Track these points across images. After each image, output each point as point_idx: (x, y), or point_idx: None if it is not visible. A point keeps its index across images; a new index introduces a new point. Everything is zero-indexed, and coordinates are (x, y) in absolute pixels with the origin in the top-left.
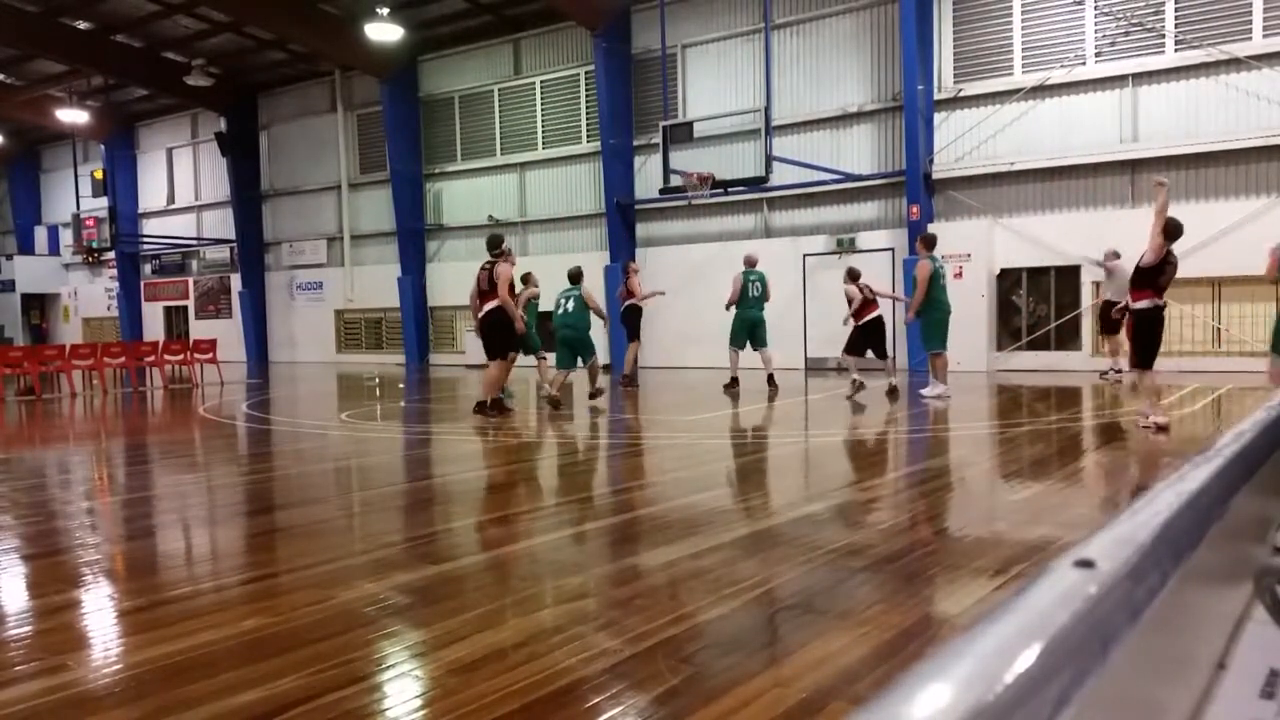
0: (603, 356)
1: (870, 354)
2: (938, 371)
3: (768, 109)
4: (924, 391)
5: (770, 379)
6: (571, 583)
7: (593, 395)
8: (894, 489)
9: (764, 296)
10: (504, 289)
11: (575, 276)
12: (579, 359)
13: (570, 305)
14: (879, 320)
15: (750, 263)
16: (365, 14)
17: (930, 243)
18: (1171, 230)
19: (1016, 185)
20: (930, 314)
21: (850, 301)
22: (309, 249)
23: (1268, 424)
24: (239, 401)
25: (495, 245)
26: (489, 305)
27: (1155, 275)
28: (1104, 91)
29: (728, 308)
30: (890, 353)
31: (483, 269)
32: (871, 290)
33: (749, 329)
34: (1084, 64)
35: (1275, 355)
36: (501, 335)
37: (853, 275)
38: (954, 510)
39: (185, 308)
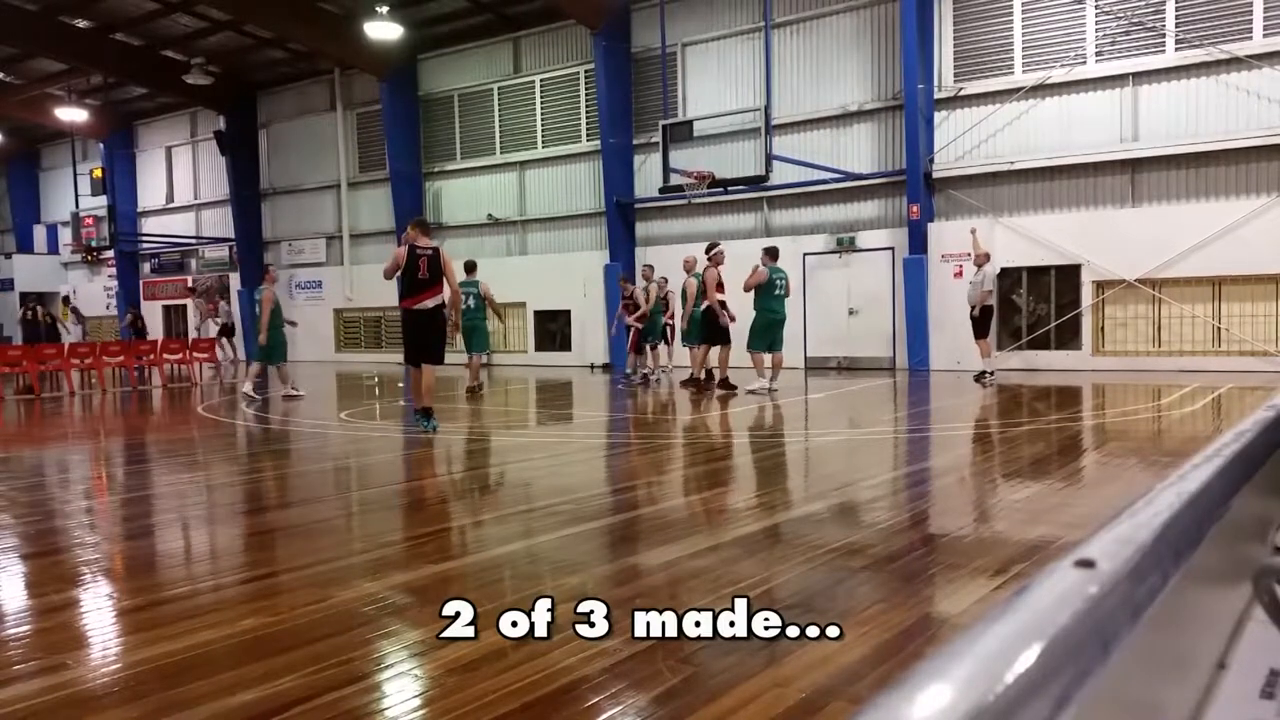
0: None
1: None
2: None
3: (768, 108)
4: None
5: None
6: (571, 582)
7: (470, 391)
8: (893, 488)
9: (787, 294)
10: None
11: (471, 268)
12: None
13: (471, 302)
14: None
15: (775, 256)
16: (365, 12)
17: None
18: None
19: (1017, 184)
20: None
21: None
22: (308, 248)
23: (1269, 423)
24: (238, 400)
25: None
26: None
27: None
28: (1104, 90)
29: (747, 289)
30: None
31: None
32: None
33: (773, 331)
34: (1084, 63)
35: None
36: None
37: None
38: (954, 510)
39: (184, 306)
